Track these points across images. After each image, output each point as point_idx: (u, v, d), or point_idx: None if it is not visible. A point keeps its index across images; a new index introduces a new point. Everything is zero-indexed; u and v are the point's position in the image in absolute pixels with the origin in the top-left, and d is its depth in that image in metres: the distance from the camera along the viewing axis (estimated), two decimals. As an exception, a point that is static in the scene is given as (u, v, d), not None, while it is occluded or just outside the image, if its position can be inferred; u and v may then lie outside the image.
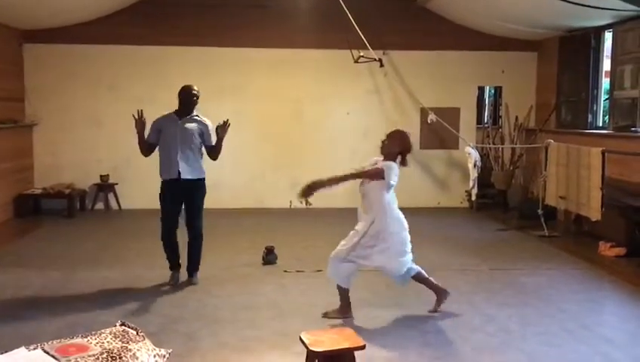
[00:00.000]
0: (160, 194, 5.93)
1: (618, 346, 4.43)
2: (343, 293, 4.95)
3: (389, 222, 4.84)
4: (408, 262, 4.92)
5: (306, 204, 4.98)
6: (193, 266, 5.99)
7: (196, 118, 6.01)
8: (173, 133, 5.87)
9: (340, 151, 10.09)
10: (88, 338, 3.30)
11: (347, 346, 3.43)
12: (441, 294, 5.06)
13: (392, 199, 4.92)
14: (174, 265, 5.98)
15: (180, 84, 9.76)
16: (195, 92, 5.96)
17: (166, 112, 6.11)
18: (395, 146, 5.00)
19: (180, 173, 5.78)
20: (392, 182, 4.81)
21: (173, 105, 10.28)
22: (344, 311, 4.93)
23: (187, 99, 5.95)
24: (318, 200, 10.67)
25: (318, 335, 3.54)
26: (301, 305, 5.28)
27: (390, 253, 4.82)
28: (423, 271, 5.04)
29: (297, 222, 9.05)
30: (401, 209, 5.07)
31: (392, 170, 4.83)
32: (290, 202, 10.08)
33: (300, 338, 3.51)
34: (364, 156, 9.95)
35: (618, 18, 7.62)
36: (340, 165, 9.95)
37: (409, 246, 4.95)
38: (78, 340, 3.28)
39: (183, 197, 5.87)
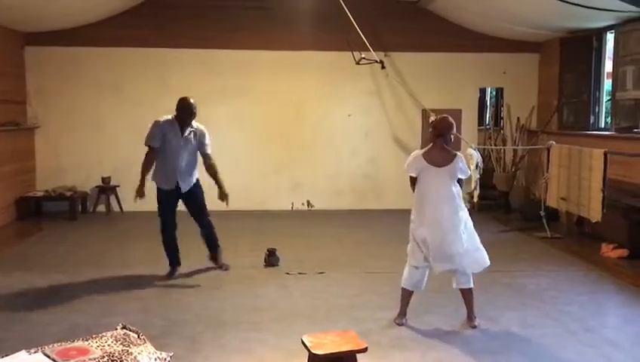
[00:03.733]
0: (158, 200, 6.11)
1: (621, 348, 4.42)
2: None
3: None
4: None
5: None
6: (215, 246, 6.39)
7: (193, 127, 6.09)
8: (176, 145, 5.99)
9: (341, 152, 10.10)
10: (89, 341, 3.29)
11: (349, 349, 3.42)
12: None
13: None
14: (175, 262, 6.21)
15: (182, 87, 9.86)
16: (195, 108, 6.04)
17: (166, 115, 6.14)
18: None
19: (178, 184, 6.02)
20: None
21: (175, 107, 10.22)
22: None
23: (188, 113, 6.01)
24: (321, 202, 10.72)
25: (320, 337, 3.53)
26: (303, 307, 5.27)
27: None
28: None
29: (299, 223, 9.04)
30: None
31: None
32: (292, 204, 10.09)
33: (302, 341, 3.50)
34: (366, 157, 10.07)
35: (620, 19, 7.61)
36: (342, 166, 10.07)
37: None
38: (79, 343, 3.28)
39: (182, 200, 6.14)
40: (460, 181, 4.78)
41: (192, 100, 6.04)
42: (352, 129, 10.12)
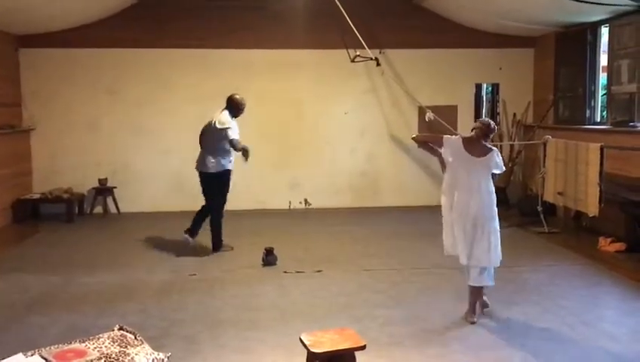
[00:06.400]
0: (227, 181, 7.05)
1: (619, 341, 4.42)
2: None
3: None
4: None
5: None
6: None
7: None
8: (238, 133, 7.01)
9: (338, 150, 10.08)
10: (86, 343, 3.28)
11: (347, 346, 3.42)
12: None
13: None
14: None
15: (178, 87, 9.97)
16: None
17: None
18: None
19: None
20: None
21: (173, 107, 10.31)
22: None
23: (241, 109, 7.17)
24: (318, 200, 10.72)
25: (319, 336, 3.52)
26: (301, 305, 5.27)
27: None
28: None
29: (297, 222, 9.04)
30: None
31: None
32: (290, 203, 10.08)
33: (301, 340, 3.50)
34: (363, 155, 10.07)
35: (614, 13, 7.62)
36: (339, 164, 10.07)
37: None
38: (76, 345, 3.27)
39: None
40: (493, 176, 4.92)
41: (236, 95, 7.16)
42: (349, 127, 10.11)
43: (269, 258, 6.55)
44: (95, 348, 3.21)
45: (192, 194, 9.79)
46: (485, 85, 10.99)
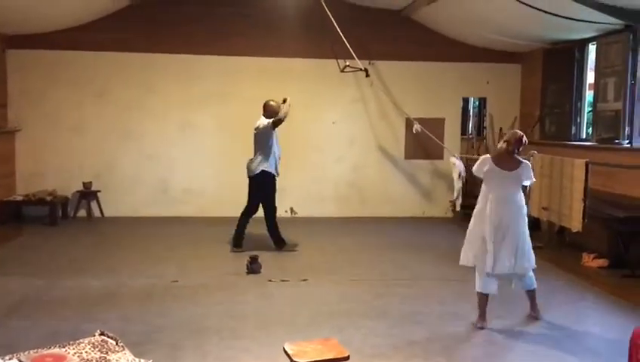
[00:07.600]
0: (268, 183, 7.46)
1: (602, 357, 4.45)
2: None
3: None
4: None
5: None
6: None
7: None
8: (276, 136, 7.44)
9: (325, 159, 10.09)
10: (66, 348, 3.24)
11: (331, 357, 3.40)
12: None
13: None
14: None
15: (166, 92, 9.90)
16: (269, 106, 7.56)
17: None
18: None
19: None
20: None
21: (160, 111, 10.22)
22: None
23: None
24: (304, 209, 10.67)
25: (302, 345, 3.51)
26: (286, 314, 5.24)
27: None
28: None
29: (282, 230, 8.98)
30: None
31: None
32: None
33: (284, 349, 3.48)
34: (350, 164, 10.08)
35: (602, 31, 7.71)
36: (326, 173, 10.06)
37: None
38: (55, 350, 3.22)
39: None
40: (523, 189, 5.02)
41: (270, 102, 7.56)
42: (337, 136, 10.12)
43: (254, 266, 6.52)
44: (75, 353, 3.17)
45: (177, 200, 9.79)
46: (472, 99, 11.07)
